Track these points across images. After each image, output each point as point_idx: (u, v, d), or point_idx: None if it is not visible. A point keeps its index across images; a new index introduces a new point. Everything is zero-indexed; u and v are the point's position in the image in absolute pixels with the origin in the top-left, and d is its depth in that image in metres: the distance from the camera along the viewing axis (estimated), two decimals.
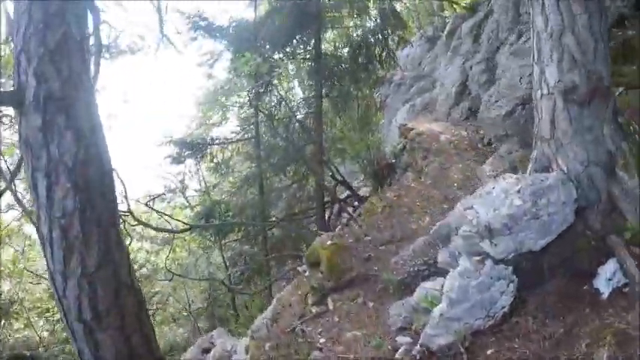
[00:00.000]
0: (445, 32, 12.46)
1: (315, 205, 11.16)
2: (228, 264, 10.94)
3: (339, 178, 11.41)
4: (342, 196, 12.13)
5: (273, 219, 11.21)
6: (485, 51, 10.55)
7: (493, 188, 3.81)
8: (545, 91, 3.72)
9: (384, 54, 9.00)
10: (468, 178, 7.30)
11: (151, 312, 11.85)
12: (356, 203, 11.50)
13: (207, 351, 6.09)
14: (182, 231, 8.08)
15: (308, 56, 9.92)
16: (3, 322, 9.17)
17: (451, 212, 4.39)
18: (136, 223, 6.95)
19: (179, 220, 8.36)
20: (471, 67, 10.99)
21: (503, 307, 3.33)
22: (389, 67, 9.09)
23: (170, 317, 11.75)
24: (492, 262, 3.41)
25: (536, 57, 3.86)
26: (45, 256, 2.77)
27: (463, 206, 4.02)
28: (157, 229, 7.98)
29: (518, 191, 3.47)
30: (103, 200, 2.84)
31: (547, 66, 3.71)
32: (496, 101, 6.49)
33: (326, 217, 11.54)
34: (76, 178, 2.67)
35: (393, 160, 11.37)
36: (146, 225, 7.38)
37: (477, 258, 3.58)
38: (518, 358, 3.00)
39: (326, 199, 11.68)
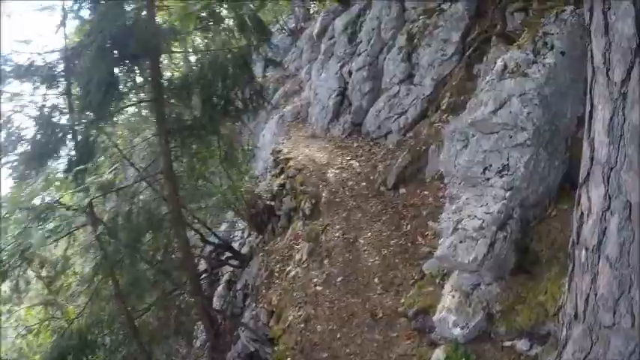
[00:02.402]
0: (315, 32, 10.87)
1: (187, 278, 8.81)
2: None
3: (212, 240, 9.24)
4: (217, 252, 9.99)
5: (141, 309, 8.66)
6: (366, 54, 9.23)
7: None
8: None
9: (247, 90, 6.90)
10: (390, 267, 5.74)
11: None
12: (237, 263, 9.51)
13: None
14: None
15: (142, 100, 7.51)
16: None
17: None
18: None
19: None
20: (350, 73, 9.59)
21: None
22: (258, 107, 7.12)
23: None
24: None
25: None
26: None
27: None
28: None
29: None
30: None
31: None
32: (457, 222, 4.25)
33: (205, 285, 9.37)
34: None
35: (272, 203, 9.54)
36: None
37: None
38: None
39: (203, 266, 9.51)
